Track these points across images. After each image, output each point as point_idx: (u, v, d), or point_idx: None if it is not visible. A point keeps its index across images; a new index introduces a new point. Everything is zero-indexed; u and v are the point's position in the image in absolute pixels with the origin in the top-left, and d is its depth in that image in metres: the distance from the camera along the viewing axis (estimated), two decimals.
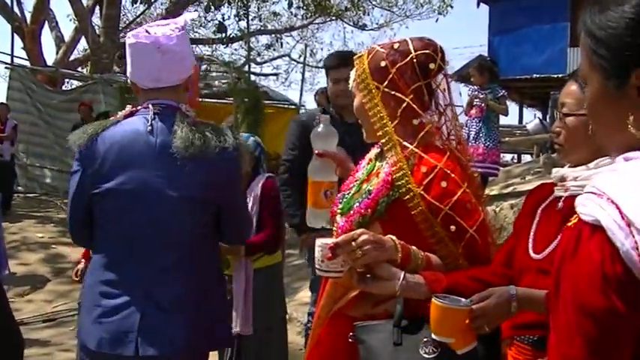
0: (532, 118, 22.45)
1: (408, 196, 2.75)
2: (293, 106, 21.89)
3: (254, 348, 5.66)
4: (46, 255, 12.43)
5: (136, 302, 3.26)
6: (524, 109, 30.49)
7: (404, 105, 2.84)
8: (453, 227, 2.72)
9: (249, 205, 5.42)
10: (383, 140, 2.89)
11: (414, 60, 2.86)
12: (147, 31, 3.38)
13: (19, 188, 18.42)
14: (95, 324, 3.27)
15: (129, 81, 3.62)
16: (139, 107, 3.42)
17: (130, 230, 3.32)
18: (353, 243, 2.55)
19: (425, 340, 2.53)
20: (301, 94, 23.72)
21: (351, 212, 2.90)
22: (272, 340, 5.88)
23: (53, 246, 12.82)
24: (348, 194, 3.05)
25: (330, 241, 2.62)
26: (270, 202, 5.64)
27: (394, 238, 2.65)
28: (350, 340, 2.76)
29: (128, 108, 3.47)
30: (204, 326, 3.38)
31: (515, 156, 24.47)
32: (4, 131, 15.67)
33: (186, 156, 3.23)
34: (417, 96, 2.86)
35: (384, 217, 2.81)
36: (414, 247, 2.68)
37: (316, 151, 3.08)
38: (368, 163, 3.11)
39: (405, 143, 2.83)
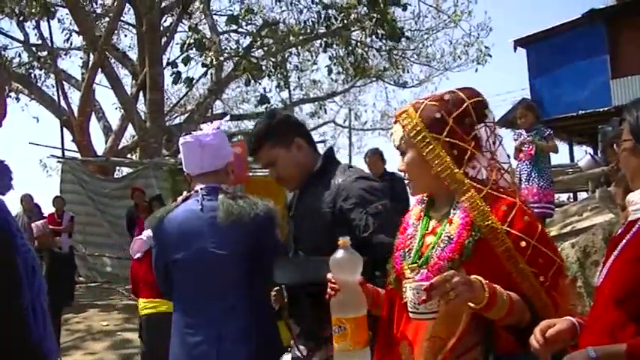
0: (583, 154, 22.21)
1: (491, 235, 2.80)
2: None
3: None
4: (112, 342, 12.48)
5: (210, 339, 4.12)
6: (574, 147, 30.20)
7: (468, 152, 2.93)
8: (540, 260, 2.77)
9: None
10: (454, 186, 2.93)
11: (470, 107, 2.96)
12: (192, 133, 4.42)
13: (81, 278, 18.59)
14: (183, 354, 4.19)
15: (184, 170, 4.56)
16: (192, 192, 4.38)
17: (197, 284, 4.22)
18: (447, 284, 2.58)
19: None
20: (350, 158, 23.77)
21: (433, 261, 2.91)
22: None
23: (118, 333, 12.88)
24: (408, 250, 3.06)
25: (424, 283, 2.64)
26: None
27: (480, 278, 2.68)
28: None
29: (185, 194, 4.46)
30: (269, 351, 4.24)
31: (571, 195, 24.17)
32: (62, 224, 15.86)
33: (228, 223, 4.11)
34: (476, 142, 2.97)
35: (471, 259, 2.83)
36: (498, 287, 2.70)
37: (333, 285, 3.01)
38: (418, 219, 3.13)
39: (478, 186, 2.91)
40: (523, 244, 2.77)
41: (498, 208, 2.85)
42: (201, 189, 4.33)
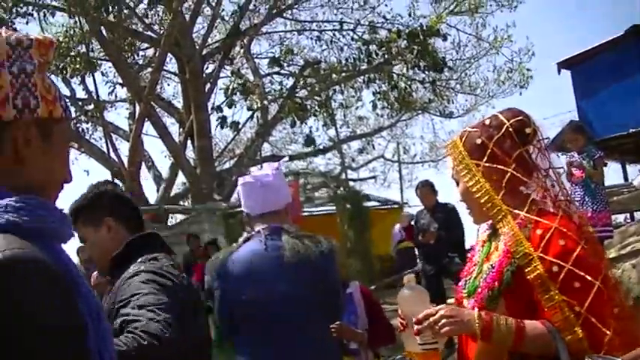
0: (636, 173, 21.93)
1: (525, 262, 2.76)
2: (396, 205, 21.91)
3: None
4: None
5: None
6: (627, 166, 29.80)
7: (508, 175, 2.88)
8: (577, 284, 2.68)
9: (359, 310, 5.67)
10: (492, 212, 2.92)
11: (510, 129, 2.92)
12: (252, 173, 4.47)
13: None
14: None
15: (243, 212, 4.55)
16: (253, 233, 4.33)
17: (265, 324, 4.14)
18: (431, 319, 2.71)
19: None
20: (402, 192, 23.76)
21: (478, 291, 2.92)
22: None
23: None
24: (469, 278, 3.07)
25: (417, 318, 2.78)
26: (375, 303, 6.00)
27: (475, 311, 2.75)
28: None
29: (245, 235, 4.41)
30: None
31: (628, 215, 23.82)
32: None
33: (295, 262, 4.08)
34: (519, 164, 2.91)
35: (510, 287, 2.81)
36: (502, 318, 2.71)
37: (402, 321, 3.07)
38: (482, 246, 3.12)
39: (516, 211, 2.86)
40: (555, 269, 2.70)
41: (534, 234, 2.80)
42: (263, 229, 4.28)
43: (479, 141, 2.96)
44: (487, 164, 2.92)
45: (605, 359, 2.46)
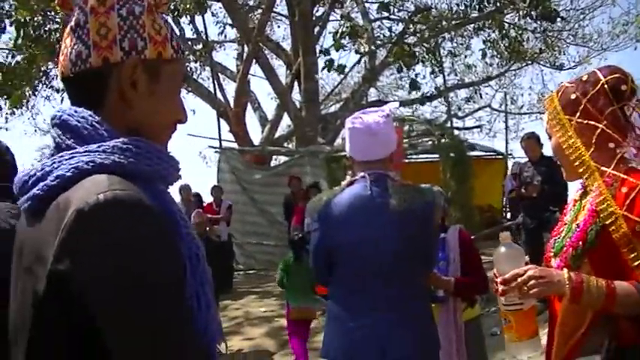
0: None
1: (610, 220, 2.71)
2: (500, 156, 21.65)
3: None
4: (270, 329, 12.64)
5: (376, 324, 4.12)
6: None
7: (598, 131, 2.83)
8: None
9: (451, 256, 5.56)
10: (581, 170, 2.88)
11: (605, 86, 2.87)
12: (361, 118, 4.31)
13: (239, 266, 18.98)
14: (341, 338, 4.21)
15: (347, 155, 4.56)
16: (357, 177, 4.32)
17: (363, 269, 4.18)
18: (519, 279, 2.70)
19: None
20: (507, 143, 23.40)
21: (564, 250, 2.89)
22: None
23: (276, 319, 13.05)
24: (559, 238, 3.02)
25: (503, 277, 2.79)
26: (472, 250, 5.78)
27: (566, 271, 2.72)
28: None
29: (348, 178, 4.44)
30: (431, 339, 4.35)
31: None
32: (220, 213, 16.24)
33: (400, 210, 4.08)
34: (611, 121, 2.85)
35: (594, 247, 2.77)
36: (593, 279, 2.67)
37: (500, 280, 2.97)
38: (574, 205, 3.08)
39: (603, 168, 2.82)
40: (639, 228, 2.64)
41: (620, 192, 2.74)
42: (368, 174, 4.24)
43: (573, 96, 2.93)
44: (579, 120, 2.88)
45: None
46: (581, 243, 2.80)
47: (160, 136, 1.86)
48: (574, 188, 3.20)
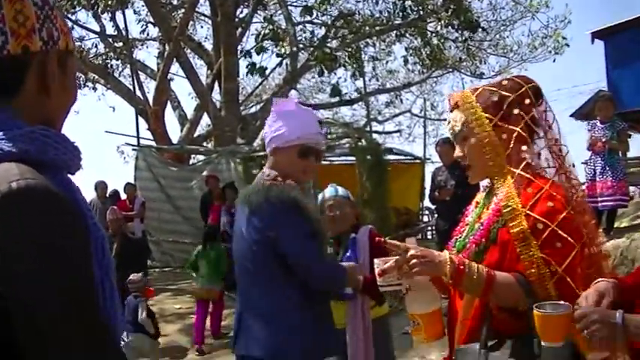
0: None
1: (511, 217, 2.80)
2: (418, 160, 21.90)
3: None
4: (184, 325, 12.59)
5: (237, 317, 4.33)
6: None
7: (515, 134, 2.92)
8: (558, 244, 2.74)
9: (361, 255, 5.49)
10: (495, 170, 2.97)
11: (528, 92, 2.98)
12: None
13: (155, 263, 18.83)
14: None
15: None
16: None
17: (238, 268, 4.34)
18: (400, 260, 2.78)
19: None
20: (425, 148, 23.76)
21: (467, 247, 2.97)
22: None
23: (190, 316, 13.00)
24: (460, 237, 3.11)
25: (384, 259, 2.85)
26: (382, 250, 5.64)
27: (447, 253, 2.82)
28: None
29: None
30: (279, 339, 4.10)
31: None
32: (134, 209, 16.12)
33: (253, 208, 4.10)
34: (529, 127, 2.97)
35: (495, 244, 2.86)
36: (474, 265, 2.76)
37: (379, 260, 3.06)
38: (476, 206, 3.19)
39: (513, 170, 2.91)
40: (540, 226, 2.75)
41: (526, 192, 2.84)
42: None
43: (495, 98, 2.99)
44: (500, 122, 2.95)
45: (549, 312, 2.50)
46: (484, 240, 2.89)
47: (61, 124, 1.88)
48: None
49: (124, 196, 16.96)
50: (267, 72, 24.42)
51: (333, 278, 4.36)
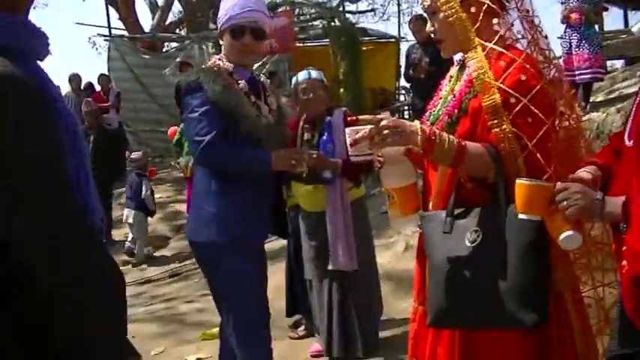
0: (637, 20, 21.55)
1: (483, 90, 2.80)
2: (392, 40, 21.72)
3: (356, 287, 5.70)
4: (165, 214, 12.71)
5: None
6: (629, 12, 29.33)
7: (484, 7, 2.87)
8: (529, 119, 2.75)
9: (337, 138, 5.50)
10: (465, 44, 2.93)
11: None
12: None
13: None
14: None
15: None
16: None
17: None
18: (372, 129, 2.74)
19: (473, 229, 2.75)
20: (399, 27, 23.53)
21: (440, 119, 2.97)
22: (373, 278, 5.97)
23: (170, 205, 13.10)
24: (434, 110, 3.10)
25: (356, 128, 2.80)
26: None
27: (418, 123, 2.78)
28: (418, 229, 3.01)
29: None
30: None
31: (623, 62, 23.58)
32: (108, 100, 16.02)
33: None
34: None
35: (466, 115, 2.87)
36: (444, 134, 2.76)
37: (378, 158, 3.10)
38: (449, 81, 3.16)
39: (486, 44, 2.88)
40: (512, 100, 2.76)
41: (497, 64, 2.84)
42: None
43: None
44: None
45: (533, 181, 2.55)
46: (456, 111, 2.89)
47: (26, 12, 1.81)
48: None
49: (98, 88, 16.81)
50: None
51: (237, 160, 4.13)
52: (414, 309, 3.23)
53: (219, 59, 4.20)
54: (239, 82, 4.15)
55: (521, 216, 2.57)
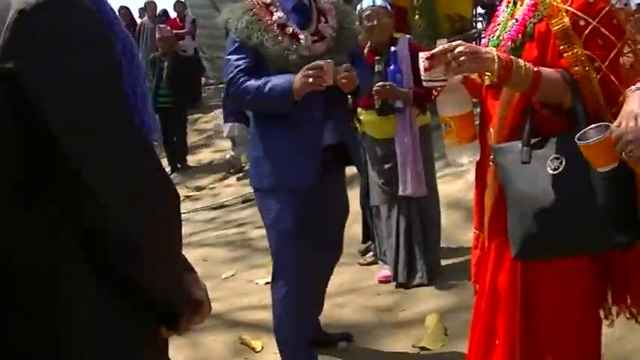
0: None
1: (551, 13, 2.74)
2: None
3: (422, 213, 5.79)
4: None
5: None
6: None
7: None
8: (600, 41, 2.69)
9: (404, 67, 5.53)
10: None
11: None
12: None
13: (210, 81, 18.97)
14: None
15: None
16: None
17: None
18: (449, 54, 2.65)
19: (553, 157, 2.69)
20: None
21: (502, 44, 2.90)
22: (435, 204, 6.02)
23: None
24: (493, 36, 3.03)
25: (428, 53, 2.72)
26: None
27: (493, 49, 2.75)
28: (490, 162, 2.93)
29: None
30: None
31: None
32: (184, 28, 16.10)
33: None
34: None
35: (532, 40, 2.81)
36: (520, 61, 2.70)
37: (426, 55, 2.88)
38: (507, 6, 3.07)
39: None
40: (582, 22, 2.69)
41: None
42: None
43: None
44: None
45: (594, 130, 2.49)
46: (520, 35, 2.83)
47: None
48: None
49: (173, 15, 16.91)
50: None
51: (259, 95, 3.92)
52: (475, 235, 3.23)
53: None
54: (275, 13, 4.02)
55: (599, 169, 2.52)
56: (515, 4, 3.00)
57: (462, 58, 2.64)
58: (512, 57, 2.70)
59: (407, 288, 5.73)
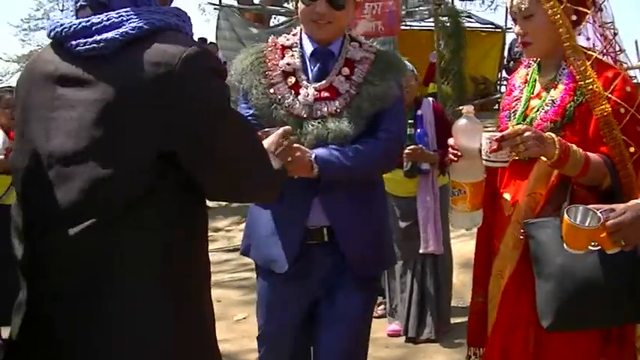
0: None
1: (593, 99, 2.90)
2: (498, 29, 21.46)
3: (437, 270, 5.98)
4: None
5: None
6: None
7: (587, 17, 3.02)
8: (638, 128, 2.89)
9: (429, 129, 5.82)
10: (568, 49, 2.97)
11: None
12: None
13: None
14: None
15: None
16: None
17: None
18: (518, 137, 2.75)
19: None
20: (506, 16, 23.01)
21: (537, 123, 3.01)
22: (449, 263, 6.20)
23: None
24: (513, 111, 3.18)
25: (497, 134, 2.81)
26: (445, 121, 5.94)
27: (553, 136, 2.82)
28: (521, 237, 2.98)
29: None
30: None
31: None
32: None
33: None
34: (596, 11, 3.07)
35: (571, 122, 2.95)
36: (573, 146, 2.82)
37: (454, 152, 3.08)
38: (525, 82, 3.22)
39: (589, 52, 3.00)
40: (622, 110, 2.88)
41: (604, 75, 2.94)
42: None
43: None
44: (569, 4, 2.98)
45: (586, 213, 2.59)
46: (559, 118, 2.96)
47: None
48: None
49: None
50: None
51: None
52: (474, 301, 3.39)
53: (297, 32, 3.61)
54: (286, 57, 3.49)
55: (565, 247, 2.63)
56: (534, 81, 3.17)
57: (529, 142, 2.76)
58: (567, 143, 2.83)
59: (416, 343, 5.88)
